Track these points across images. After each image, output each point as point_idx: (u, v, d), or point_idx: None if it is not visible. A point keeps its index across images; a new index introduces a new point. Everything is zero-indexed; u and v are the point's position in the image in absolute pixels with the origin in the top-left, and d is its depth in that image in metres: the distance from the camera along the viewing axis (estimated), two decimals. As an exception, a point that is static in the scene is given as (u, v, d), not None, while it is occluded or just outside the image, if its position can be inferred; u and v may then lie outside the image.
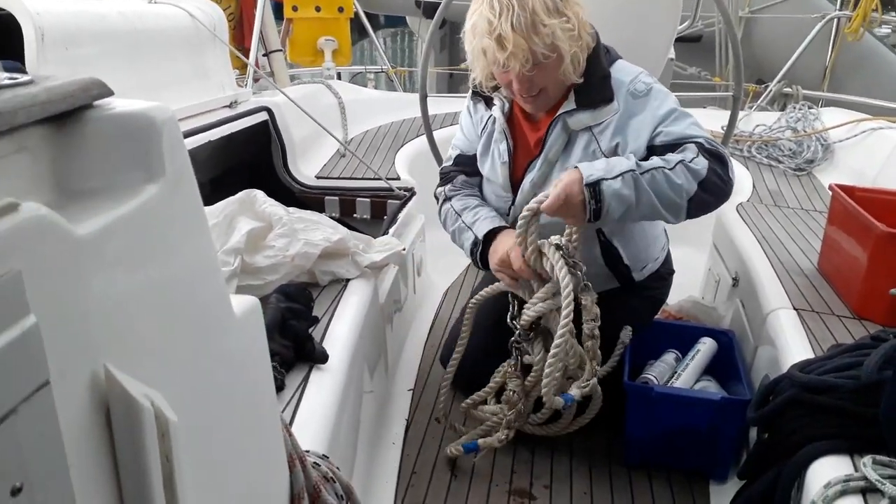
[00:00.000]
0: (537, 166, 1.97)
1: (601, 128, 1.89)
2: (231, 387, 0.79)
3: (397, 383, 2.36)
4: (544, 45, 1.75)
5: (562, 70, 1.82)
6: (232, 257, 1.80)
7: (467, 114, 2.17)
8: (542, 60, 1.78)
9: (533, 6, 1.73)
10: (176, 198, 0.66)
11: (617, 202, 1.70)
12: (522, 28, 1.73)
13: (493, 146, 2.05)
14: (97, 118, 0.61)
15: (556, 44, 1.76)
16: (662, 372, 2.13)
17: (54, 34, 2.07)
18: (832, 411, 1.52)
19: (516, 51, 1.74)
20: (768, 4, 6.00)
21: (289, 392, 1.43)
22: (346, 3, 4.67)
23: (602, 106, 1.88)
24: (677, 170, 1.73)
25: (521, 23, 1.73)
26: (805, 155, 3.69)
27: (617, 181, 1.70)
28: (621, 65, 1.95)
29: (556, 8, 1.77)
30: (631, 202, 1.71)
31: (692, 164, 1.74)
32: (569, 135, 1.93)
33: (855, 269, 2.10)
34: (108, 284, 0.57)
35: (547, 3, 1.76)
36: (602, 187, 1.69)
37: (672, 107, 1.86)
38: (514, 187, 2.03)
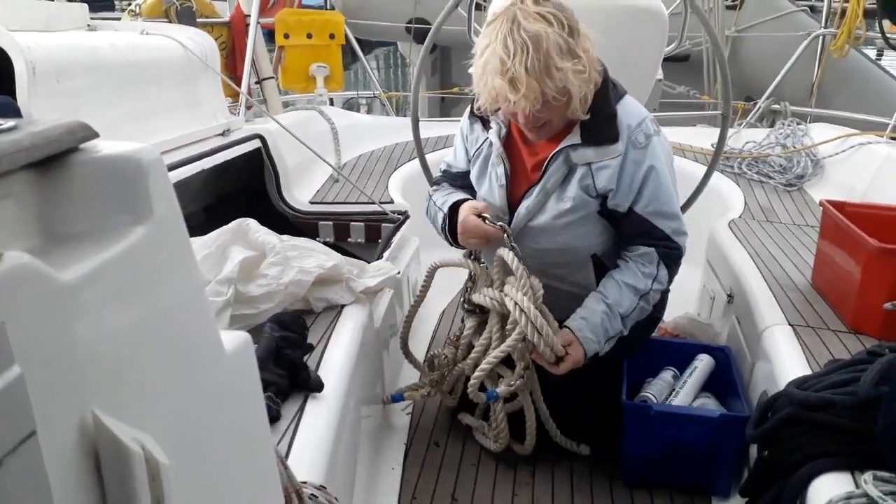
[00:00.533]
0: (534, 194, 1.97)
1: (600, 166, 1.90)
2: (223, 424, 0.79)
3: (395, 407, 2.34)
4: (556, 89, 1.74)
5: (570, 109, 1.82)
6: (225, 287, 1.80)
7: (461, 132, 2.19)
8: (553, 102, 1.77)
9: (547, 48, 1.71)
10: (163, 238, 0.66)
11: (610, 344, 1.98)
12: (536, 71, 1.70)
13: (490, 169, 2.06)
14: (83, 161, 0.61)
15: (567, 87, 1.75)
16: (661, 390, 2.13)
17: (46, 68, 2.08)
18: (831, 428, 1.52)
19: (528, 93, 1.72)
20: (754, 23, 6.07)
21: (284, 423, 1.42)
22: (337, 30, 4.71)
23: (606, 145, 1.89)
24: (649, 296, 1.97)
25: (536, 66, 1.70)
26: (795, 170, 3.72)
27: (609, 343, 1.96)
28: (628, 104, 1.95)
29: (569, 49, 1.75)
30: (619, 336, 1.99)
31: (658, 282, 1.96)
32: (569, 167, 1.94)
33: (848, 284, 2.10)
34: (95, 328, 0.56)
35: (560, 43, 1.73)
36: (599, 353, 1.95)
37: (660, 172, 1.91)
38: (511, 209, 2.04)
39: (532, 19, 1.72)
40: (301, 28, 4.59)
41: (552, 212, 1.95)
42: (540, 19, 1.73)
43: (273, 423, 1.39)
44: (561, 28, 1.74)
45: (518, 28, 1.72)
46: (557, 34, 1.73)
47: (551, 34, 1.72)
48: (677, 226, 1.97)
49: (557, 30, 1.73)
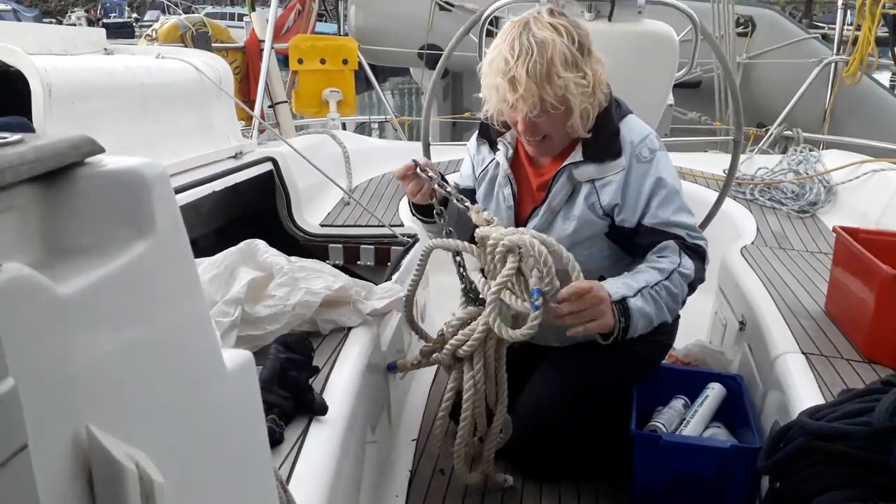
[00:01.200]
0: (540, 213, 1.98)
1: (604, 182, 1.90)
2: (222, 443, 0.78)
3: (401, 433, 2.32)
4: (555, 96, 1.76)
5: (570, 123, 1.83)
6: (232, 308, 1.80)
7: (468, 153, 2.21)
8: (551, 110, 1.79)
9: (552, 55, 1.73)
10: (166, 254, 0.66)
11: (642, 319, 1.77)
12: (536, 75, 1.73)
13: (498, 189, 2.07)
14: (87, 175, 0.61)
15: (566, 97, 1.77)
16: (671, 419, 2.10)
17: (61, 90, 2.11)
18: (844, 459, 1.48)
19: (526, 95, 1.75)
20: (766, 50, 6.09)
21: (287, 446, 1.40)
22: (350, 56, 4.78)
23: (609, 161, 1.89)
24: (674, 278, 1.81)
25: (536, 70, 1.73)
26: (808, 197, 3.69)
27: (638, 298, 1.76)
28: (632, 121, 1.96)
29: (576, 62, 1.77)
30: (651, 316, 1.78)
31: (683, 270, 1.82)
32: (573, 186, 1.94)
33: (862, 312, 2.07)
34: (93, 343, 0.56)
35: (567, 55, 1.75)
36: (629, 304, 1.75)
37: (666, 182, 1.89)
38: None
39: (543, 27, 1.77)
40: (315, 53, 4.66)
41: (559, 232, 1.95)
42: (551, 29, 1.77)
43: (276, 445, 1.38)
44: (570, 41, 1.77)
45: (528, 33, 1.76)
46: (565, 45, 1.76)
47: (558, 43, 1.75)
48: (692, 230, 1.90)
49: (566, 41, 1.76)
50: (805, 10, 10.31)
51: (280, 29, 4.93)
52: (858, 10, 4.68)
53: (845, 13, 5.40)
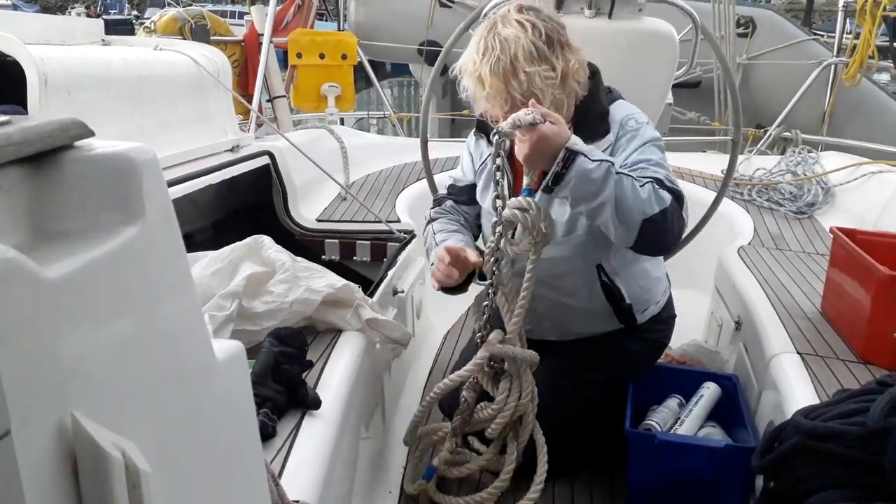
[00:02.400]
0: (537, 196, 1.97)
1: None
2: (212, 434, 0.77)
3: (395, 430, 2.31)
4: (520, 91, 1.79)
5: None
6: (229, 301, 1.78)
7: (467, 148, 2.22)
8: (519, 104, 1.81)
9: (515, 52, 1.77)
10: (156, 241, 0.65)
11: (580, 181, 1.68)
12: (500, 71, 1.78)
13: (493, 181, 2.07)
14: (76, 159, 0.60)
15: (532, 90, 1.79)
16: (665, 418, 2.09)
17: (57, 80, 2.10)
18: (839, 459, 1.48)
19: (493, 92, 1.81)
20: (766, 51, 6.08)
21: (280, 439, 1.39)
22: (349, 51, 4.76)
23: (598, 139, 1.91)
24: (647, 186, 1.73)
25: (500, 67, 1.78)
26: (806, 198, 3.69)
27: (592, 164, 1.68)
28: (621, 104, 1.99)
29: (542, 55, 1.80)
30: (595, 188, 1.69)
31: (660, 190, 1.74)
32: None
33: (858, 313, 2.07)
34: (80, 329, 0.55)
35: (531, 49, 1.78)
36: (576, 160, 1.68)
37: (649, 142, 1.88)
38: None
39: (509, 24, 1.81)
40: (314, 48, 4.64)
41: (555, 216, 1.94)
42: (517, 25, 1.81)
43: (268, 439, 1.37)
44: (537, 35, 1.80)
45: (493, 32, 1.82)
46: (530, 40, 1.79)
47: (523, 38, 1.78)
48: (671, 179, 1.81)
49: (532, 36, 1.79)
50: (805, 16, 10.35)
51: (279, 23, 4.90)
52: (859, 12, 4.68)
53: (845, 17, 5.40)
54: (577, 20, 2.62)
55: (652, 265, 2.16)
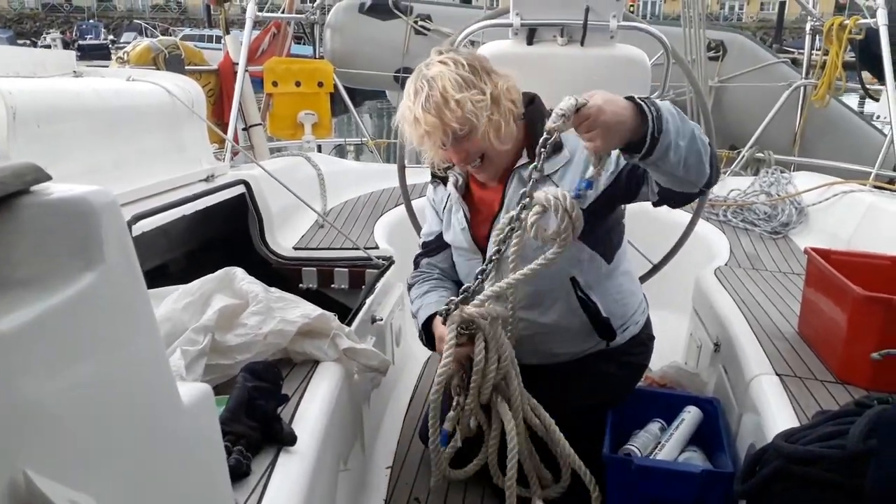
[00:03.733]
0: (500, 219, 1.98)
1: (557, 176, 1.94)
2: (179, 481, 0.75)
3: (375, 461, 2.28)
4: (455, 119, 1.82)
5: (480, 136, 1.87)
6: (201, 336, 1.75)
7: (430, 201, 2.27)
8: (459, 134, 1.86)
9: (443, 85, 1.82)
10: (116, 286, 0.63)
11: (671, 120, 1.57)
12: (431, 107, 1.82)
13: (453, 217, 2.13)
14: (32, 204, 0.59)
15: (466, 116, 1.82)
16: (646, 443, 2.08)
17: (26, 112, 2.07)
18: (820, 483, 1.47)
19: (430, 129, 1.84)
20: (737, 74, 6.18)
21: (254, 478, 1.36)
22: (325, 79, 4.77)
23: (554, 155, 1.93)
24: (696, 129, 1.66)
25: (431, 102, 1.82)
26: (780, 218, 3.74)
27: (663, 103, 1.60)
28: None
29: (469, 82, 1.85)
30: (678, 125, 1.59)
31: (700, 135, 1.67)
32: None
33: (835, 333, 2.08)
34: (33, 380, 0.53)
35: (456, 79, 1.83)
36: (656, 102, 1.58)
37: None
38: (482, 249, 2.04)
39: (432, 66, 1.89)
40: (290, 76, 4.64)
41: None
42: (439, 64, 1.88)
43: (242, 478, 1.33)
44: (460, 67, 1.87)
45: (420, 75, 1.89)
46: (454, 72, 1.85)
47: (446, 72, 1.85)
48: None
49: (455, 69, 1.86)
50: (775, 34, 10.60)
51: (255, 52, 4.91)
52: (826, 35, 4.79)
53: (814, 38, 5.52)
54: (551, 48, 2.65)
55: (626, 279, 2.17)
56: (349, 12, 6.57)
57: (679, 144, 1.59)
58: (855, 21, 4.56)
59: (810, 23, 5.42)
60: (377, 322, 2.50)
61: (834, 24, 4.69)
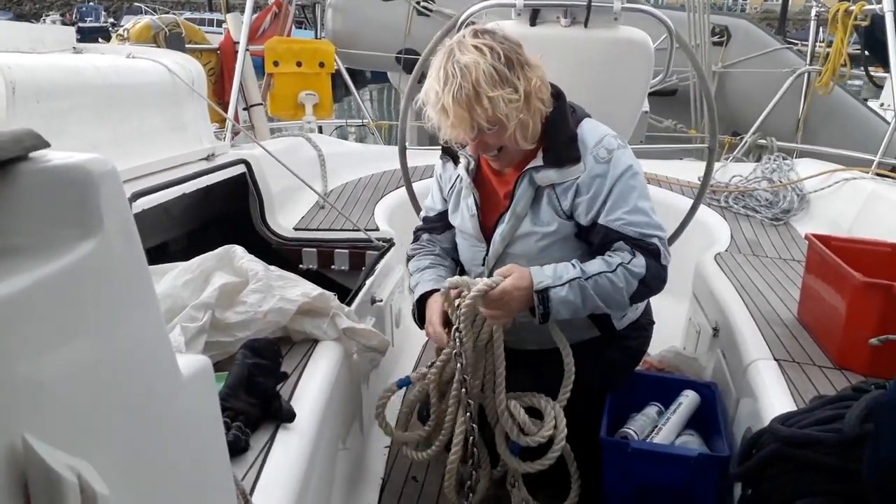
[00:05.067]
0: (506, 219, 1.98)
1: (565, 187, 1.91)
2: (177, 452, 0.75)
3: (373, 441, 2.29)
4: (485, 117, 1.76)
5: (507, 136, 1.83)
6: (201, 312, 1.75)
7: (436, 176, 2.23)
8: (486, 130, 1.81)
9: (476, 77, 1.74)
10: (115, 256, 0.63)
11: (564, 307, 1.81)
12: (463, 100, 1.74)
13: (462, 202, 2.09)
14: (30, 171, 0.58)
15: (497, 115, 1.77)
16: (643, 426, 2.09)
17: (25, 88, 2.06)
18: (816, 466, 1.48)
19: (457, 121, 1.78)
20: (741, 59, 6.15)
21: (253, 454, 1.37)
22: (326, 59, 4.74)
23: (569, 165, 1.90)
24: (618, 272, 1.82)
25: (462, 95, 1.74)
26: (781, 205, 3.73)
27: (563, 289, 1.80)
28: (589, 125, 1.97)
29: (504, 78, 1.77)
30: (577, 305, 1.82)
31: (631, 266, 1.82)
32: (535, 189, 1.94)
33: (834, 319, 2.08)
34: (32, 347, 0.53)
35: (492, 73, 1.75)
36: (550, 294, 1.80)
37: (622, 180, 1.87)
38: (487, 239, 2.03)
39: (466, 51, 1.77)
40: (291, 56, 4.62)
41: (528, 235, 1.95)
42: (474, 50, 1.77)
43: (241, 454, 1.34)
44: (496, 58, 1.77)
45: (452, 59, 1.77)
46: (490, 64, 1.75)
47: (482, 64, 1.75)
48: (648, 229, 1.87)
49: (491, 60, 1.76)
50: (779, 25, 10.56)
51: (256, 31, 4.88)
52: (831, 21, 4.75)
53: (818, 27, 5.48)
54: (553, 29, 2.63)
55: None
56: (351, -7, 6.53)
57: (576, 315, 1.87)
58: (860, 7, 4.52)
59: (815, 9, 5.38)
60: (377, 303, 2.51)
61: (839, 10, 4.65)
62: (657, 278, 1.87)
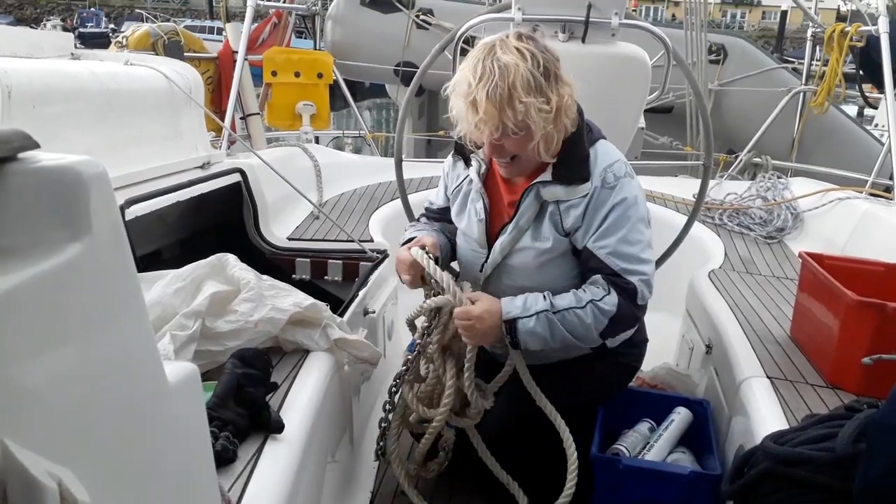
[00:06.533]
0: (508, 230, 1.96)
1: (569, 205, 1.89)
2: (162, 460, 0.74)
3: (363, 453, 2.27)
4: (515, 121, 1.74)
5: (531, 147, 1.82)
6: (191, 321, 1.74)
7: (444, 170, 2.19)
8: (512, 134, 1.78)
9: (513, 80, 1.72)
10: (103, 259, 0.62)
11: (531, 339, 1.85)
12: (496, 99, 1.71)
13: (470, 205, 2.06)
14: (18, 172, 0.58)
15: (527, 122, 1.75)
16: (635, 442, 2.08)
17: (22, 92, 2.05)
18: (808, 485, 1.47)
19: (486, 118, 1.74)
20: (737, 78, 6.19)
21: (240, 464, 1.35)
22: (325, 70, 4.75)
23: (577, 184, 1.88)
24: (587, 309, 1.83)
25: (497, 94, 1.71)
26: (775, 223, 3.74)
27: (531, 320, 1.83)
28: (603, 146, 1.95)
29: (539, 87, 1.75)
30: (545, 337, 1.85)
31: (602, 304, 1.83)
32: (541, 204, 1.93)
33: (827, 338, 2.08)
34: (15, 350, 0.52)
35: (530, 80, 1.73)
36: (517, 325, 1.84)
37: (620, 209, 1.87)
38: (489, 245, 2.02)
39: (508, 51, 1.75)
40: (289, 66, 4.63)
41: (526, 249, 1.94)
42: (516, 53, 1.75)
43: (228, 464, 1.32)
44: (535, 66, 1.75)
45: (492, 56, 1.75)
46: (529, 70, 1.73)
47: (522, 68, 1.73)
48: (632, 264, 1.86)
49: (531, 66, 1.74)
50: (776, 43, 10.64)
51: (255, 41, 4.89)
52: (827, 41, 4.79)
53: (814, 46, 5.53)
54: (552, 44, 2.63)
55: None
56: (351, 4, 6.56)
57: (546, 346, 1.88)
58: (856, 28, 4.56)
59: (811, 29, 5.42)
60: (369, 315, 2.49)
61: (835, 31, 4.69)
62: (628, 317, 1.87)
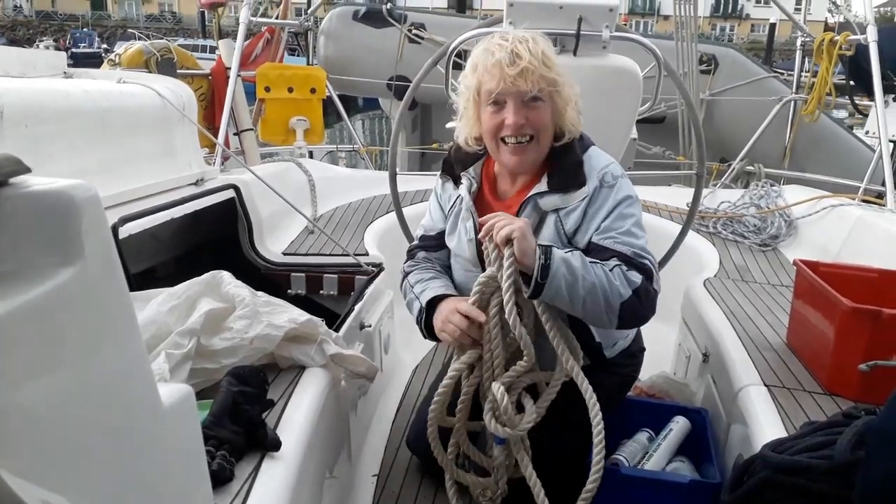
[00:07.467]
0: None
1: (568, 210, 1.91)
2: (157, 483, 0.73)
3: (361, 469, 2.26)
4: (548, 80, 1.83)
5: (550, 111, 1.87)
6: (186, 339, 1.73)
7: (435, 194, 2.20)
8: (542, 95, 1.84)
9: (544, 47, 1.85)
10: (96, 283, 0.62)
11: (564, 267, 1.73)
12: (535, 54, 1.82)
13: (460, 224, 2.06)
14: (9, 196, 0.57)
15: (555, 78, 1.85)
16: (634, 452, 2.07)
17: (14, 112, 2.05)
18: (807, 493, 1.47)
19: (528, 67, 1.80)
20: (728, 87, 6.23)
21: (237, 483, 1.34)
22: (318, 85, 4.77)
23: (573, 190, 1.90)
24: (615, 272, 1.80)
25: (533, 50, 1.82)
26: (769, 231, 3.75)
27: (563, 252, 1.77)
28: (595, 152, 1.99)
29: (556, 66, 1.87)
30: (575, 275, 1.74)
31: (627, 273, 1.80)
32: (540, 216, 1.94)
33: (823, 345, 2.08)
34: (7, 377, 0.52)
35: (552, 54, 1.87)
36: (552, 251, 1.75)
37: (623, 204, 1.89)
38: (482, 263, 2.02)
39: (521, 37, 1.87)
40: (282, 82, 4.64)
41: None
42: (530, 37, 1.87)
43: (225, 483, 1.31)
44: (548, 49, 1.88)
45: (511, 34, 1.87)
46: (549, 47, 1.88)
47: (541, 42, 1.86)
48: (640, 249, 1.86)
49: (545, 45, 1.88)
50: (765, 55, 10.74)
51: (248, 57, 4.90)
52: (816, 50, 4.83)
53: (804, 56, 5.57)
54: None
55: None
56: (343, 19, 6.59)
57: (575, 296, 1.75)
58: (845, 37, 4.60)
59: (801, 38, 5.46)
60: (366, 329, 2.49)
61: (825, 40, 4.73)
62: (648, 296, 1.82)
